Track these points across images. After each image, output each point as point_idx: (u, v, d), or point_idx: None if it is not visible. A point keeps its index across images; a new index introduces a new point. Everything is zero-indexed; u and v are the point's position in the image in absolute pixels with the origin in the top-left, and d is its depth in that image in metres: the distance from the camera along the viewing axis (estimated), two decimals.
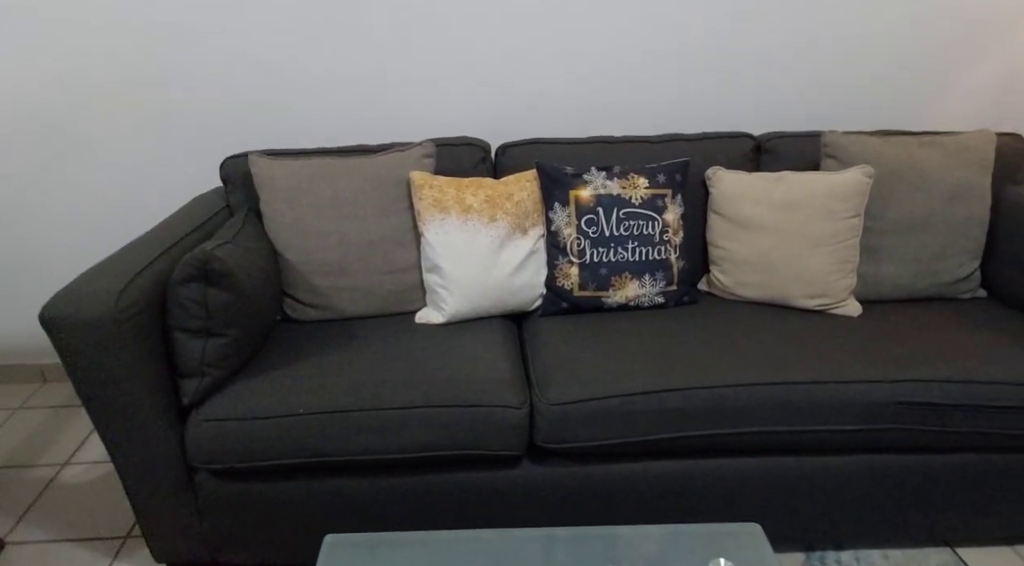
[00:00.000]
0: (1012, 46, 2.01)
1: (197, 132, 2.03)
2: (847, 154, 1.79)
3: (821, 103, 2.09)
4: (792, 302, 1.76)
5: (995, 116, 2.11)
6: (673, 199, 1.79)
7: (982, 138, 1.80)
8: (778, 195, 1.76)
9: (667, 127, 2.11)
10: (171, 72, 1.96)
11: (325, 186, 1.70)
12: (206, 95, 1.99)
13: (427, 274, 1.74)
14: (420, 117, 2.07)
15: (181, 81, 1.97)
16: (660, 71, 2.04)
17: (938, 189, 1.75)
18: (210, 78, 1.97)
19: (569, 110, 2.09)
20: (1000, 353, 1.51)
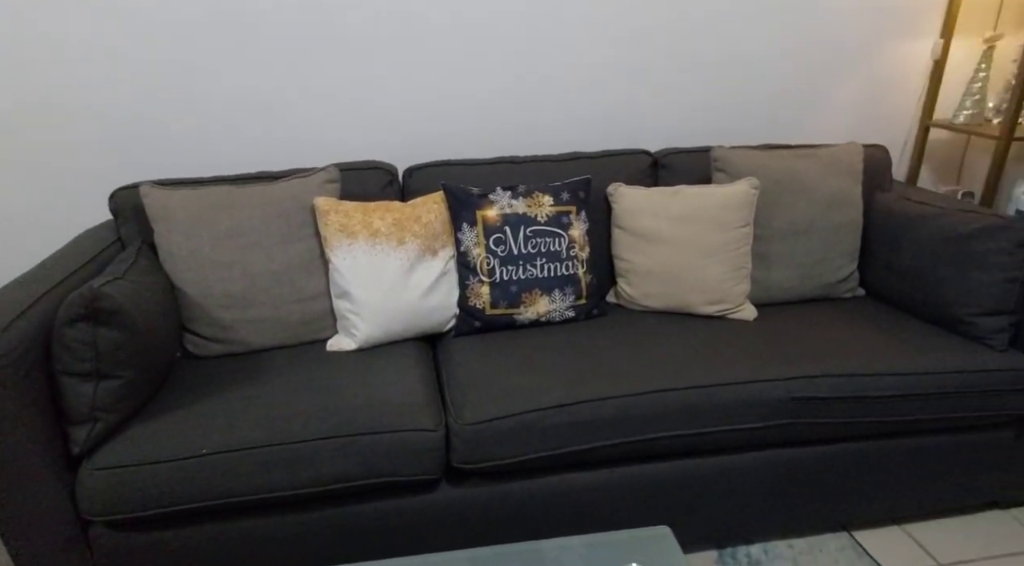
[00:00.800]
0: (873, 67, 2.21)
1: (83, 163, 1.92)
2: (735, 167, 1.91)
3: (711, 120, 2.21)
4: (693, 309, 1.85)
5: (862, 129, 2.30)
6: (578, 215, 1.85)
7: (851, 150, 1.96)
8: (675, 208, 1.85)
9: (570, 145, 2.18)
10: (53, 100, 1.85)
11: (224, 215, 1.65)
12: (92, 124, 1.89)
13: (337, 301, 1.72)
14: (325, 141, 2.04)
15: (63, 109, 1.86)
16: (562, 91, 2.11)
17: (816, 198, 1.89)
18: (96, 106, 1.87)
19: (475, 131, 2.12)
20: (879, 347, 1.64)
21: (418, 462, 1.39)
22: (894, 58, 2.21)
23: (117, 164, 1.94)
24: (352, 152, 2.07)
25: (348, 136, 2.04)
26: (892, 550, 1.68)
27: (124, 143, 1.92)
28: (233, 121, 1.96)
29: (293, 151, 2.03)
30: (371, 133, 2.06)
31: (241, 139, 1.98)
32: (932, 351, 1.62)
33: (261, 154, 2.01)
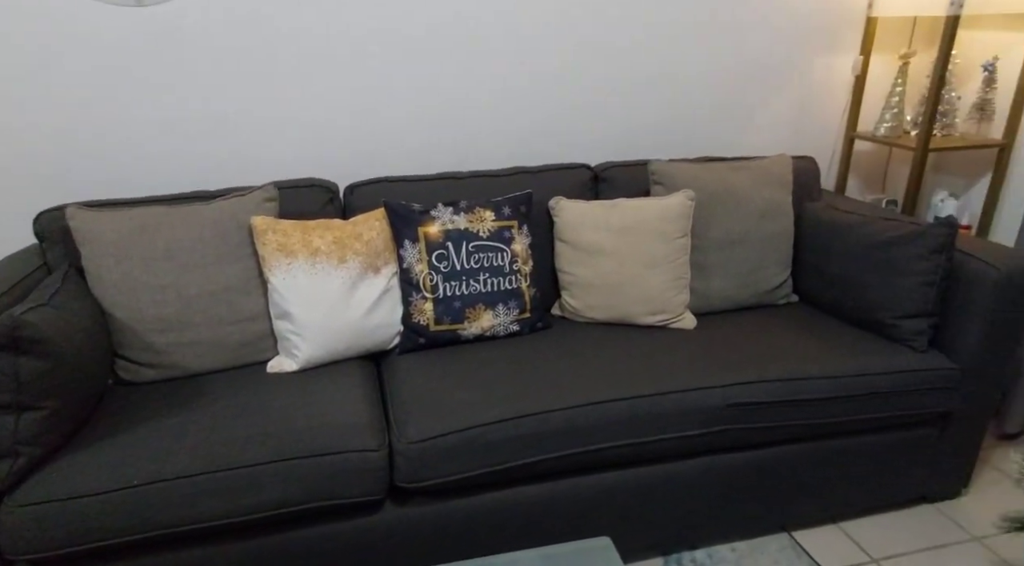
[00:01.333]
0: (800, 83, 2.31)
1: (3, 184, 1.84)
2: (672, 180, 1.96)
3: (649, 135, 2.27)
4: (636, 320, 1.88)
5: (793, 141, 2.39)
6: (520, 230, 1.86)
7: (781, 162, 2.04)
8: (615, 221, 1.89)
9: (512, 160, 2.20)
10: None
11: (158, 237, 1.61)
12: (12, 143, 1.81)
13: (277, 321, 1.69)
14: (263, 159, 2.01)
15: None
16: (504, 108, 2.13)
17: (750, 209, 1.96)
18: (17, 124, 1.80)
19: (417, 148, 2.12)
20: (810, 352, 1.70)
21: (361, 483, 1.37)
22: (819, 74, 2.31)
23: (41, 185, 1.86)
24: (292, 170, 2.04)
25: (287, 154, 2.02)
26: (829, 548, 1.73)
27: (49, 163, 1.85)
28: (166, 140, 1.91)
29: (231, 169, 1.99)
30: (311, 150, 2.04)
31: (175, 158, 1.93)
32: (860, 354, 1.69)
33: (197, 173, 1.96)
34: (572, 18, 2.07)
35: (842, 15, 2.25)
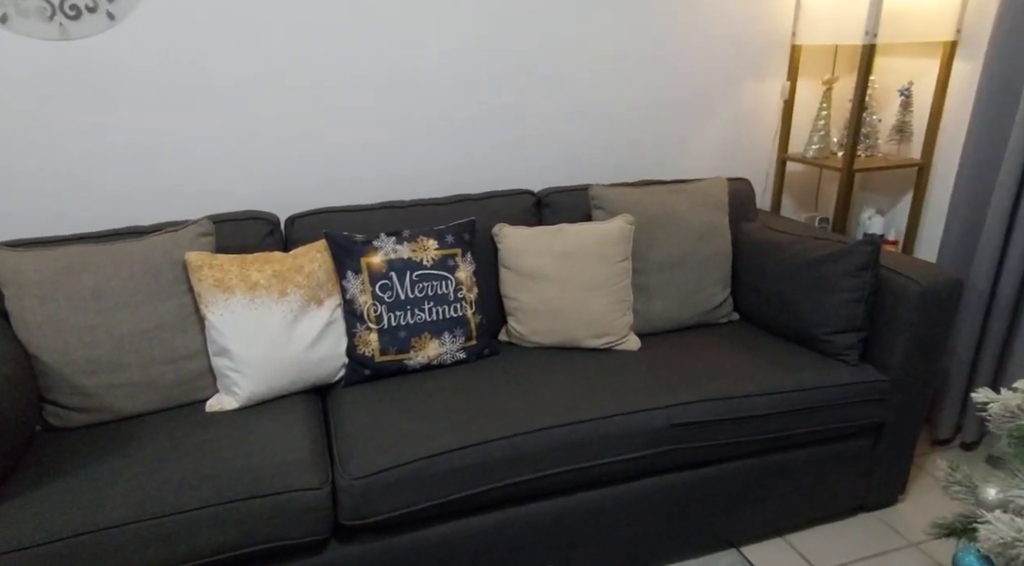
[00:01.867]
0: (732, 107, 2.39)
1: None
2: (611, 204, 2.00)
3: (590, 159, 2.31)
4: (581, 343, 1.90)
5: (728, 163, 2.47)
6: (463, 257, 1.87)
7: (717, 184, 2.10)
8: (557, 246, 1.91)
9: (455, 188, 2.21)
10: None
11: (87, 276, 1.56)
12: None
13: (215, 358, 1.65)
14: (202, 193, 1.97)
15: None
16: (446, 137, 2.14)
17: (688, 230, 2.01)
18: None
19: (359, 178, 2.11)
20: (751, 369, 1.75)
21: (303, 523, 1.35)
22: (750, 99, 2.40)
23: None
24: (232, 202, 2.01)
25: (227, 186, 1.99)
26: (776, 561, 1.77)
27: None
28: (97, 175, 1.86)
29: (167, 204, 1.95)
30: (251, 183, 2.01)
31: (106, 193, 1.88)
32: (795, 370, 1.74)
33: (131, 208, 1.91)
34: (511, 51, 2.11)
35: (768, 43, 2.35)
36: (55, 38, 1.72)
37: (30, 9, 1.67)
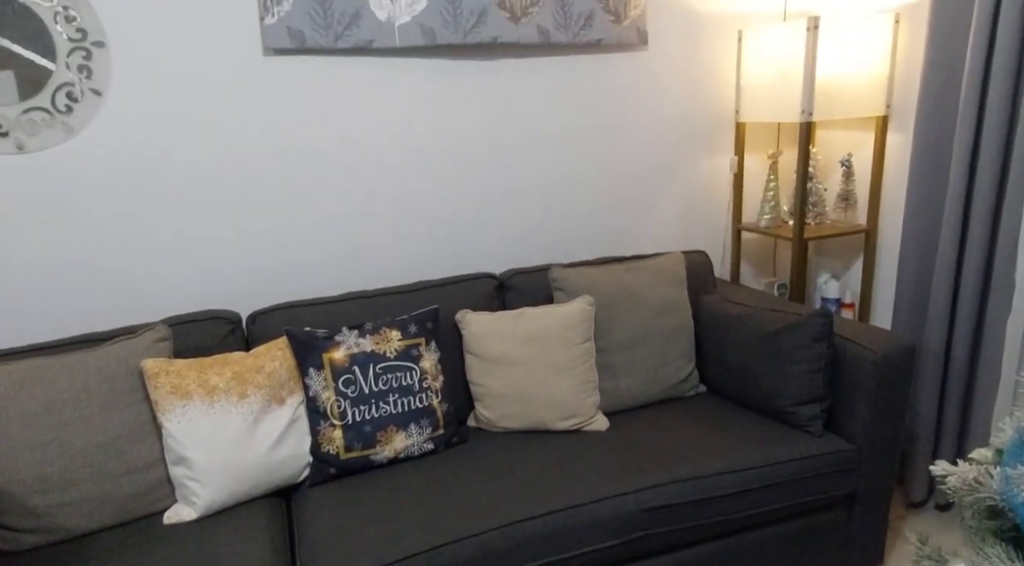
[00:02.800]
0: (686, 181, 2.48)
1: None
2: (571, 285, 2.03)
3: (550, 238, 2.36)
4: (549, 426, 1.89)
5: (686, 235, 2.54)
6: (428, 346, 1.87)
7: (674, 259, 2.15)
8: (520, 330, 1.92)
9: (418, 272, 2.23)
10: None
11: (39, 390, 1.52)
12: None
13: (173, 467, 1.60)
14: (161, 294, 1.96)
15: None
16: (404, 223, 2.17)
17: (648, 307, 2.04)
18: None
19: (321, 267, 2.12)
20: (718, 445, 1.75)
21: None
22: (702, 172, 2.49)
23: None
24: (194, 301, 2.00)
25: (188, 285, 1.98)
26: None
27: None
28: (50, 283, 1.84)
29: (125, 307, 1.93)
30: (213, 280, 2.01)
31: (61, 301, 1.86)
32: (763, 444, 1.75)
33: (88, 315, 1.89)
34: (468, 135, 2.17)
35: (715, 121, 2.46)
36: (11, 152, 1.73)
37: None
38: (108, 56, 1.77)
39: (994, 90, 1.81)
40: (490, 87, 2.15)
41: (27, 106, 1.71)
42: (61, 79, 1.73)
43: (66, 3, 1.69)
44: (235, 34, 1.87)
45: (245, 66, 1.90)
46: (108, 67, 1.77)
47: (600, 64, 2.25)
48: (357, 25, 1.93)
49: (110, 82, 1.78)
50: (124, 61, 1.79)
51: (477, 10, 2.00)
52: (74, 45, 1.72)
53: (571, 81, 2.24)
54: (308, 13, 1.88)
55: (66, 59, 1.72)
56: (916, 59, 2.10)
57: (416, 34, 1.98)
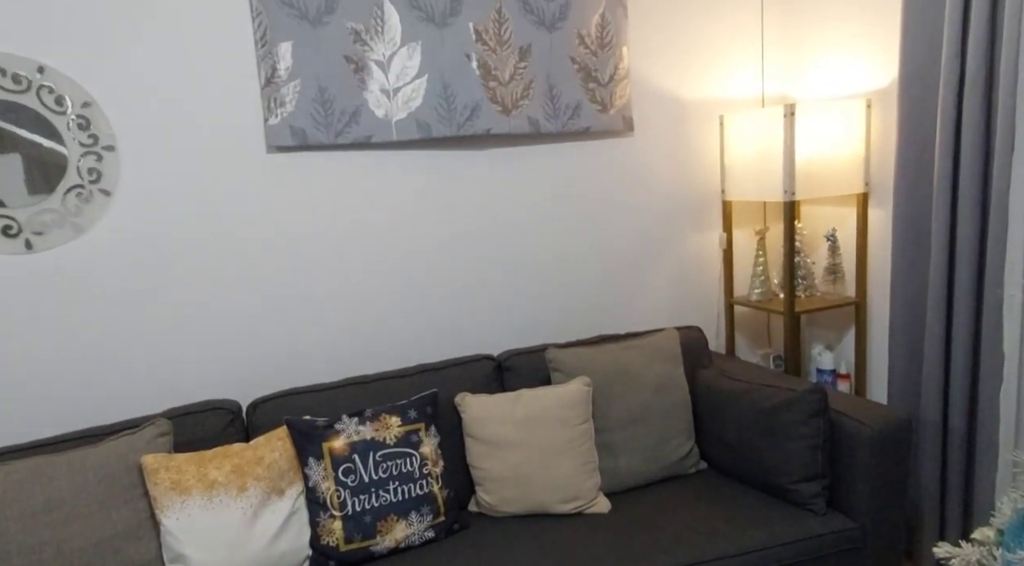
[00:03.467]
0: (677, 257, 2.54)
1: None
2: (568, 366, 2.05)
3: (546, 317, 2.40)
4: (551, 509, 1.88)
5: (679, 310, 2.58)
6: (427, 431, 1.88)
7: (668, 336, 2.18)
8: (519, 412, 1.94)
9: (416, 354, 2.26)
10: None
11: (39, 489, 1.52)
12: None
13: (170, 565, 1.59)
14: (164, 383, 1.98)
15: None
16: (403, 306, 2.22)
17: (645, 385, 2.06)
18: None
19: (321, 351, 2.15)
20: (723, 527, 1.73)
21: None
22: (692, 248, 2.56)
23: None
24: (194, 390, 2.02)
25: (188, 374, 2.00)
26: None
27: None
28: (54, 378, 1.87)
29: (126, 399, 1.95)
30: (213, 368, 2.03)
31: (64, 396, 1.88)
32: (767, 524, 1.73)
33: (90, 408, 1.91)
34: (463, 218, 2.24)
35: (702, 198, 2.55)
36: (19, 252, 1.79)
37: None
38: (118, 159, 1.85)
39: (966, 169, 1.89)
40: (483, 174, 2.24)
41: (39, 208, 1.78)
42: (72, 181, 1.81)
43: (80, 112, 1.79)
44: (240, 134, 1.97)
45: (249, 163, 1.99)
46: (117, 169, 1.85)
47: (589, 150, 2.36)
48: (356, 122, 2.04)
49: (119, 183, 1.86)
50: (133, 162, 1.87)
51: (470, 105, 2.11)
52: (86, 149, 1.81)
53: (561, 166, 2.34)
54: (310, 113, 1.98)
55: (78, 163, 1.80)
56: (890, 140, 2.21)
57: (412, 129, 2.08)
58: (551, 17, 2.20)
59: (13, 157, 1.74)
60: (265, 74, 1.94)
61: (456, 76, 2.09)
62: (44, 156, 1.77)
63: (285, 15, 1.93)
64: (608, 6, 2.27)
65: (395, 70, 2.05)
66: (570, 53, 2.24)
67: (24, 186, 1.76)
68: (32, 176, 1.76)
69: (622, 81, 2.33)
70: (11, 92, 1.72)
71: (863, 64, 2.26)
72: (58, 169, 1.79)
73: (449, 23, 2.07)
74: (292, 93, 1.96)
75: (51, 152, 1.77)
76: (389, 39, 2.03)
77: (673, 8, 2.41)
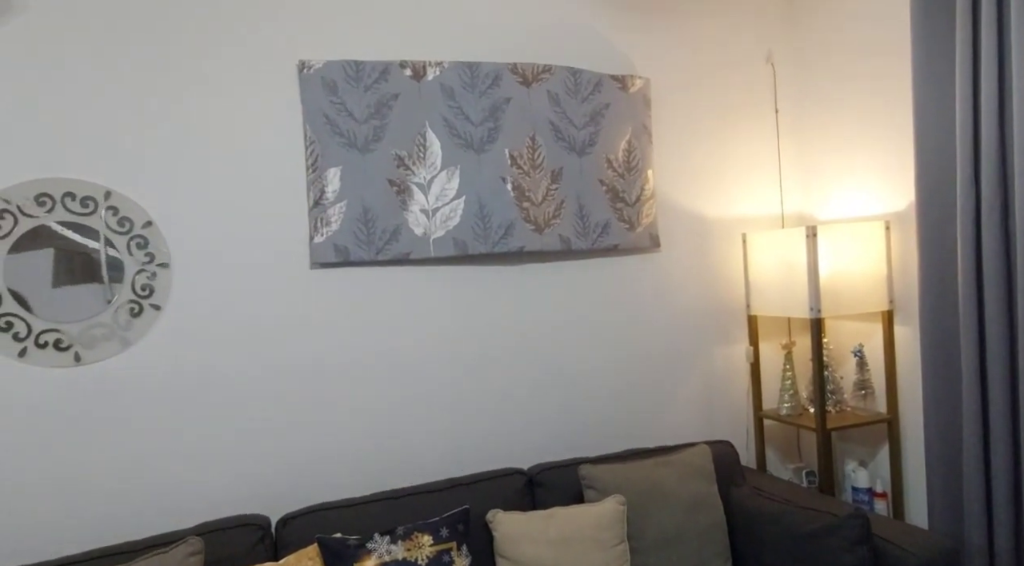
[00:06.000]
0: (703, 370, 2.56)
1: None
2: (602, 483, 2.03)
3: (575, 430, 2.39)
4: None
5: (708, 423, 2.57)
6: (459, 551, 1.84)
7: (700, 453, 2.16)
8: (553, 532, 1.90)
9: (445, 467, 2.24)
10: None
11: None
12: None
13: None
14: (197, 496, 1.96)
15: None
16: (433, 417, 2.22)
17: (679, 504, 2.02)
18: None
19: (350, 464, 2.14)
20: None
21: None
22: (719, 362, 2.58)
23: None
24: (225, 501, 2.00)
25: (220, 487, 1.99)
26: None
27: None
28: (90, 487, 1.86)
29: (161, 511, 1.93)
30: (244, 481, 2.02)
31: (98, 506, 1.87)
32: None
33: (122, 519, 1.89)
34: (494, 336, 2.29)
35: (728, 314, 2.59)
36: (68, 365, 1.84)
37: (49, 341, 1.82)
38: (170, 276, 1.94)
39: (989, 292, 1.93)
40: (515, 289, 2.31)
41: (91, 322, 1.85)
42: (126, 297, 1.88)
43: (141, 231, 1.89)
44: (285, 251, 2.06)
45: (293, 279, 2.07)
46: (169, 285, 1.93)
47: (617, 266, 2.44)
48: (396, 240, 2.13)
49: (169, 298, 1.94)
50: (184, 279, 1.95)
51: (504, 224, 2.21)
52: (141, 267, 1.90)
53: (590, 282, 2.41)
54: (353, 232, 2.08)
55: (133, 279, 1.89)
56: (910, 259, 2.27)
57: (449, 246, 2.17)
58: (581, 143, 2.34)
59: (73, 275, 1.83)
60: (314, 196, 2.06)
61: (492, 197, 2.20)
62: (103, 274, 1.85)
63: (336, 144, 2.07)
64: (634, 133, 2.42)
65: (435, 192, 2.17)
66: (599, 176, 2.37)
67: (80, 303, 1.83)
68: (88, 293, 1.84)
69: (648, 201, 2.44)
70: (79, 215, 1.84)
71: (879, 188, 2.36)
72: (115, 286, 1.87)
73: (487, 149, 2.21)
74: (338, 213, 2.07)
75: (111, 270, 1.86)
76: (430, 164, 2.17)
77: (694, 135, 2.56)
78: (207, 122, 1.97)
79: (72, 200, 1.84)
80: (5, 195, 1.78)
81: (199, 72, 1.97)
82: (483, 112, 2.22)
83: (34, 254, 1.80)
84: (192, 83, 1.96)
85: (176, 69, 1.94)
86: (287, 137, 2.06)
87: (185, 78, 1.95)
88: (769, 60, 2.67)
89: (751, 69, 2.65)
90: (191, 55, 1.96)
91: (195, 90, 1.96)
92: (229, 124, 2.00)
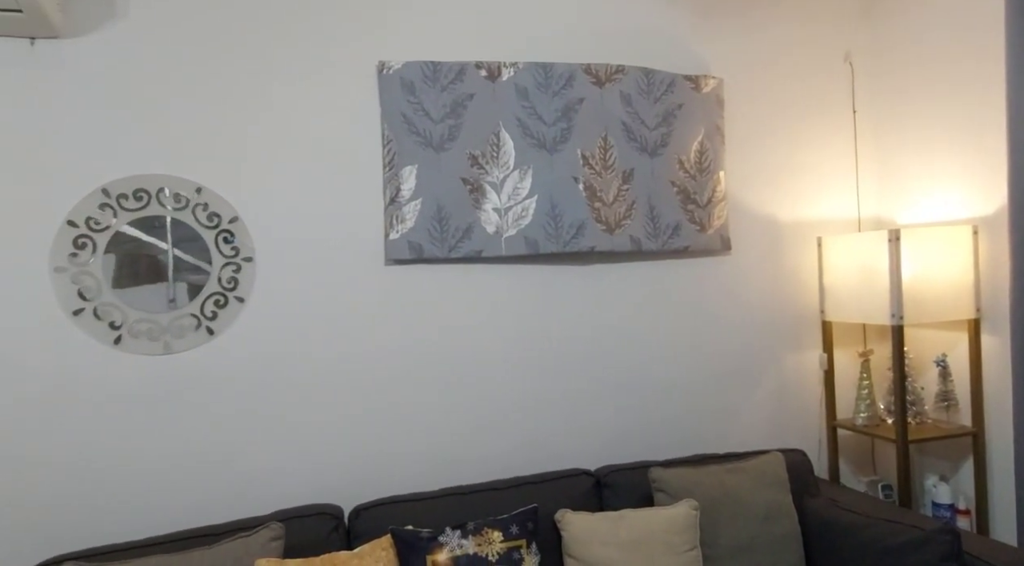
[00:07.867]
0: (774, 377, 2.50)
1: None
2: (672, 487, 2.00)
3: (643, 434, 2.36)
4: None
5: (779, 432, 2.50)
6: (528, 549, 1.84)
7: (774, 461, 2.11)
8: (623, 534, 1.88)
9: (513, 466, 2.24)
10: None
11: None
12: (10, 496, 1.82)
13: None
14: (274, 483, 2.02)
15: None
16: (500, 415, 2.23)
17: (753, 512, 1.98)
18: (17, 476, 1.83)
19: (417, 459, 2.16)
20: None
21: None
22: (791, 369, 2.52)
23: (36, 540, 1.83)
24: (300, 490, 2.05)
25: (297, 476, 2.04)
26: None
27: (41, 515, 1.84)
28: (174, 474, 1.94)
29: (238, 497, 1.99)
30: (320, 470, 2.07)
31: (181, 492, 1.94)
32: None
33: (203, 506, 1.96)
34: (563, 336, 2.29)
35: (800, 320, 2.53)
36: (158, 353, 1.92)
37: (141, 330, 1.90)
38: (254, 269, 2.00)
39: None
40: (585, 289, 2.31)
41: (180, 312, 1.93)
42: (212, 289, 1.95)
43: (228, 226, 1.97)
44: (362, 248, 2.10)
45: (368, 274, 2.11)
46: (253, 278, 2.00)
47: (688, 268, 2.40)
48: (469, 238, 2.15)
49: (252, 290, 2.00)
50: (267, 272, 2.02)
51: (576, 223, 2.21)
52: (227, 260, 1.97)
53: (661, 283, 2.38)
54: (427, 229, 2.12)
55: (219, 273, 1.96)
56: (1000, 265, 2.17)
57: (521, 245, 2.18)
58: (653, 144, 2.33)
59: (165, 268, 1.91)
60: (390, 194, 2.10)
61: (564, 197, 2.21)
62: (191, 267, 1.93)
63: (413, 142, 2.11)
64: (707, 134, 2.39)
65: (507, 191, 2.19)
66: (670, 177, 2.34)
67: (170, 294, 1.91)
68: (179, 285, 1.92)
69: (720, 203, 2.41)
70: (173, 209, 1.92)
71: (965, 191, 2.27)
72: (203, 278, 1.94)
73: (559, 149, 2.22)
74: (412, 211, 2.11)
75: (199, 265, 1.93)
76: (503, 163, 2.18)
77: (768, 136, 2.51)
78: (290, 121, 2.04)
79: (166, 195, 1.92)
80: (107, 190, 1.87)
81: (288, 73, 2.03)
82: (556, 112, 2.23)
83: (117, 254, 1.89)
84: (280, 84, 2.03)
85: (265, 72, 2.02)
86: (365, 136, 2.11)
87: (273, 79, 2.02)
88: (847, 60, 2.60)
89: (828, 69, 2.59)
90: (279, 58, 2.03)
91: (282, 91, 2.03)
92: (311, 123, 2.06)
